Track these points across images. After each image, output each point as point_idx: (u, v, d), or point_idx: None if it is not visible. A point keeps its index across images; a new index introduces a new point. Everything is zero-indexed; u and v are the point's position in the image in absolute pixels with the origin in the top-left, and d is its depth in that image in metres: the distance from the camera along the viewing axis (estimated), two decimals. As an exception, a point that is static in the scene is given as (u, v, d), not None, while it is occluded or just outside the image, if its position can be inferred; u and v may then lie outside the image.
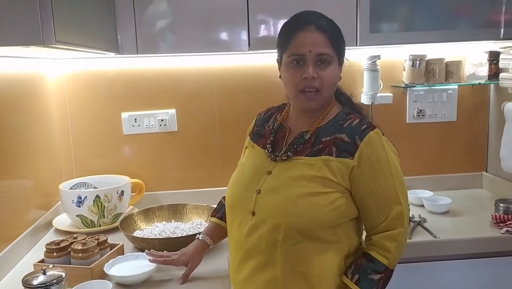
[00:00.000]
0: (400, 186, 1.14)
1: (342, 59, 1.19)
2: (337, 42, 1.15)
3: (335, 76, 1.17)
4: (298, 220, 1.11)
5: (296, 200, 1.11)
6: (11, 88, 1.57)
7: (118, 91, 2.00)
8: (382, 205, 1.12)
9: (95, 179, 1.93)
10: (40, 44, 0.92)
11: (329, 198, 1.11)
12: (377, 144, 1.12)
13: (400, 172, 1.15)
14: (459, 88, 2.09)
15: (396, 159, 1.16)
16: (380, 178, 1.12)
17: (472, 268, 1.61)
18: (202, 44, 1.72)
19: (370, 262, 1.13)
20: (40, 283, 1.09)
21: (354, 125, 1.15)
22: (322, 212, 1.10)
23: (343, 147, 1.13)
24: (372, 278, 1.12)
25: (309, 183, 1.11)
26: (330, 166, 1.12)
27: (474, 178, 2.17)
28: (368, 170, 1.11)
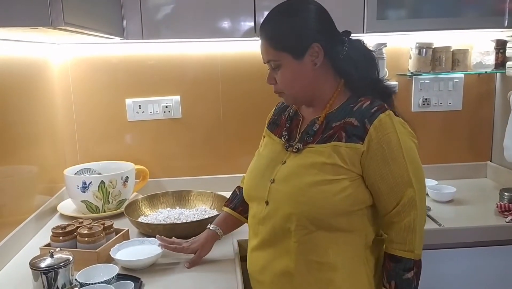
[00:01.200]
0: (415, 170, 1.09)
1: (300, 51, 1.11)
2: (279, 43, 1.12)
3: (290, 75, 1.13)
4: (309, 209, 1.10)
5: (306, 189, 1.10)
6: (15, 72, 1.56)
7: (122, 77, 1.99)
8: (393, 190, 1.09)
9: (99, 165, 1.93)
10: (48, 25, 0.91)
11: (340, 185, 1.09)
12: (388, 127, 1.08)
13: (414, 156, 1.11)
14: (465, 77, 2.08)
15: (411, 142, 1.11)
16: (391, 162, 1.08)
17: (477, 256, 1.62)
18: (207, 30, 1.71)
19: (397, 262, 1.11)
20: (48, 266, 1.10)
21: (364, 108, 1.11)
22: (333, 200, 1.08)
23: (352, 131, 1.10)
24: (407, 277, 1.11)
25: (320, 171, 1.10)
26: (339, 152, 1.09)
27: (478, 167, 2.17)
28: (378, 154, 1.08)
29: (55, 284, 1.10)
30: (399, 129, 1.09)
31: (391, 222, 1.12)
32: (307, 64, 1.12)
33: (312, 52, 1.11)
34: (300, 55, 1.11)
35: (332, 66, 1.16)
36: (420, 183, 1.11)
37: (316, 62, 1.12)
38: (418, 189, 1.10)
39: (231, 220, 1.40)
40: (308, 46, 1.11)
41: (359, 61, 1.15)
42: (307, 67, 1.13)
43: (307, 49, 1.11)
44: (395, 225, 1.11)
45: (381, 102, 1.12)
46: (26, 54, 1.66)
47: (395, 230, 1.11)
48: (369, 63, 1.18)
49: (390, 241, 1.13)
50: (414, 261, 1.11)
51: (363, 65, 1.16)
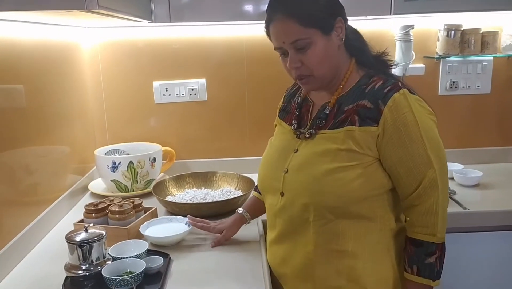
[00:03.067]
0: (434, 150, 1.04)
1: (328, 26, 1.05)
2: (308, 19, 1.03)
3: (321, 53, 1.06)
4: (327, 199, 1.06)
5: (321, 178, 1.06)
6: (48, 55, 1.61)
7: (149, 60, 2.03)
8: (412, 172, 1.04)
9: (127, 146, 1.99)
10: (83, 8, 0.94)
11: (356, 171, 1.04)
12: (403, 107, 1.02)
13: (433, 134, 1.05)
14: (495, 59, 2.03)
15: (429, 120, 1.06)
16: (409, 144, 1.03)
17: (502, 240, 1.61)
18: (233, 13, 1.72)
19: (419, 246, 1.07)
20: (83, 240, 1.15)
21: (377, 89, 1.05)
22: (350, 187, 1.04)
23: (366, 114, 1.04)
24: (429, 262, 1.07)
25: (334, 157, 1.06)
26: (353, 136, 1.05)
27: (506, 151, 2.13)
28: (395, 136, 1.03)
29: (90, 257, 1.15)
30: (416, 108, 1.04)
31: (412, 205, 1.08)
32: (334, 39, 1.07)
33: (338, 27, 1.07)
34: (329, 30, 1.06)
35: (344, 44, 1.11)
36: (441, 162, 1.05)
37: (342, 37, 1.08)
38: (439, 169, 1.05)
39: (259, 204, 1.38)
40: (335, 21, 1.06)
41: (361, 40, 1.16)
42: (335, 43, 1.08)
43: (334, 23, 1.06)
44: (416, 208, 1.07)
45: (394, 81, 1.07)
46: (58, 37, 1.71)
47: (417, 213, 1.07)
48: (365, 43, 1.17)
49: (411, 225, 1.09)
50: (437, 245, 1.07)
51: (364, 43, 1.16)
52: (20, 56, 1.40)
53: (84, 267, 1.15)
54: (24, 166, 1.41)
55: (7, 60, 1.32)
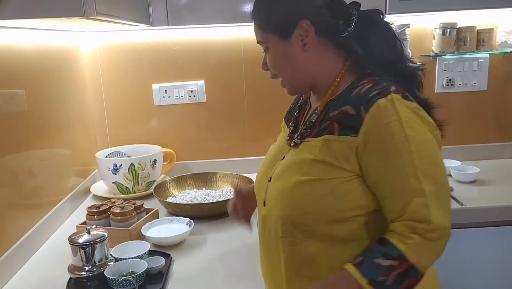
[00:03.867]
0: (427, 168, 0.86)
1: (286, 31, 0.97)
2: (265, 23, 1.00)
3: (277, 58, 1.01)
4: (294, 213, 0.95)
5: (292, 190, 0.95)
6: (48, 60, 1.64)
7: (148, 63, 2.05)
8: (398, 193, 0.87)
9: (128, 148, 2.01)
10: (82, 15, 0.97)
11: (329, 186, 0.91)
12: (389, 114, 0.86)
13: (429, 150, 0.88)
14: (490, 56, 2.05)
15: (425, 132, 0.88)
16: (394, 158, 0.86)
17: (499, 236, 1.63)
18: (231, 15, 1.74)
19: (382, 245, 0.87)
20: (86, 241, 1.18)
21: (362, 93, 0.91)
22: (322, 202, 0.92)
23: (346, 121, 0.91)
24: (378, 262, 0.85)
25: (308, 169, 0.94)
26: (331, 147, 0.92)
27: (503, 148, 2.15)
28: (377, 148, 0.87)
29: (93, 258, 1.18)
30: (406, 116, 0.87)
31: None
32: (295, 44, 0.98)
33: (300, 31, 0.97)
34: (286, 34, 0.98)
35: (334, 45, 0.99)
36: (436, 184, 0.86)
37: (306, 42, 0.97)
38: (432, 193, 0.85)
39: None
40: (295, 24, 0.96)
41: (369, 37, 0.97)
42: (296, 48, 0.98)
43: (294, 28, 0.97)
44: None
45: (387, 85, 0.90)
46: (58, 42, 1.73)
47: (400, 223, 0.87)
48: (385, 41, 0.98)
49: (389, 229, 0.89)
50: (402, 255, 0.84)
51: (376, 42, 0.97)
52: (21, 62, 1.43)
53: (87, 268, 1.17)
54: (26, 169, 1.43)
55: (8, 65, 1.34)
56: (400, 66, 0.99)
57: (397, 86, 0.91)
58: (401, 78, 0.97)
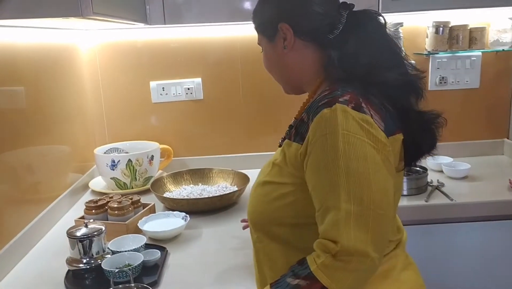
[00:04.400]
0: (350, 185, 0.80)
1: (270, 33, 1.02)
2: (257, 25, 1.07)
3: (267, 59, 1.07)
4: (251, 211, 1.01)
5: (255, 188, 1.02)
6: (48, 57, 1.67)
7: (146, 61, 2.08)
8: (320, 208, 0.85)
9: (126, 145, 2.05)
10: (79, 15, 1.00)
11: (281, 189, 0.93)
12: (327, 125, 0.83)
13: (359, 166, 0.81)
14: (483, 55, 2.08)
15: (361, 148, 0.82)
16: (321, 171, 0.84)
17: (487, 230, 1.67)
18: (227, 13, 1.77)
19: (299, 263, 0.86)
20: (83, 234, 1.21)
21: (317, 100, 0.90)
22: (270, 205, 0.95)
23: (300, 128, 0.91)
24: (288, 281, 0.84)
25: (271, 170, 0.98)
26: (286, 151, 0.94)
27: (495, 144, 2.19)
28: (311, 159, 0.86)
29: (90, 251, 1.21)
30: (346, 129, 0.82)
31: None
32: (278, 47, 1.01)
33: (281, 34, 1.00)
34: (271, 37, 1.02)
35: (317, 49, 0.99)
36: (360, 205, 0.80)
37: (286, 45, 0.99)
38: (351, 213, 0.79)
39: None
40: (276, 27, 1.00)
41: (352, 41, 0.92)
42: (279, 50, 1.02)
43: (276, 30, 1.00)
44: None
45: (340, 93, 0.87)
46: (56, 40, 1.76)
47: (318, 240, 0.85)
48: (373, 44, 0.93)
49: None
50: (310, 274, 0.81)
51: (354, 46, 0.92)
52: (20, 59, 1.46)
53: (84, 261, 1.21)
54: (26, 165, 1.46)
55: (7, 63, 1.37)
56: (388, 74, 0.91)
57: (354, 95, 0.86)
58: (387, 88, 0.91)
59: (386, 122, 0.88)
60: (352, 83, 0.91)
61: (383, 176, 0.84)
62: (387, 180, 0.85)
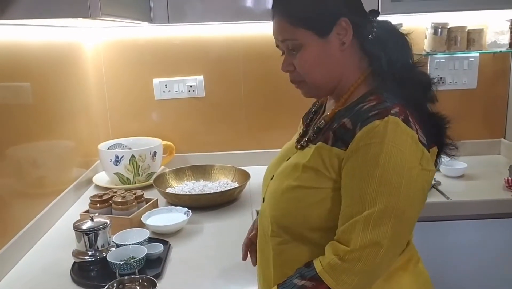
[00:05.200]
0: (381, 195, 0.82)
1: (325, 28, 0.93)
2: (299, 18, 0.93)
3: (312, 58, 0.95)
4: (280, 215, 0.98)
5: (282, 193, 0.97)
6: (53, 55, 1.70)
7: (149, 58, 2.11)
8: (348, 211, 0.86)
9: (129, 141, 2.08)
10: (87, 16, 1.03)
11: (320, 194, 0.91)
12: (377, 136, 0.84)
13: (394, 178, 0.83)
14: (481, 56, 2.11)
15: (402, 162, 0.83)
16: (356, 177, 0.85)
17: (482, 228, 1.70)
18: (230, 13, 1.80)
19: (306, 266, 0.90)
20: (89, 228, 1.25)
21: (364, 110, 0.89)
22: (306, 210, 0.92)
23: (342, 134, 0.90)
24: (294, 282, 0.88)
25: (302, 174, 0.94)
26: (321, 154, 0.92)
27: (492, 144, 2.22)
28: (350, 164, 0.87)
29: (95, 244, 1.25)
30: (393, 141, 0.83)
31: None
32: (333, 43, 0.93)
33: (339, 29, 0.92)
34: (325, 32, 0.92)
35: (360, 49, 0.97)
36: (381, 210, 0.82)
37: (345, 41, 0.93)
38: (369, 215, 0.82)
39: None
40: (335, 21, 0.92)
41: (388, 45, 0.95)
42: (334, 47, 0.94)
43: (334, 25, 0.92)
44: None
45: (390, 105, 0.87)
46: (62, 38, 1.79)
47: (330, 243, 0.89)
48: (401, 48, 0.98)
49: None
50: (316, 276, 0.86)
51: (393, 49, 0.95)
52: (27, 56, 1.49)
53: (90, 253, 1.25)
54: (31, 160, 1.50)
55: (15, 60, 1.41)
56: (416, 73, 0.97)
57: (402, 107, 0.87)
58: (416, 87, 0.95)
59: (425, 136, 0.89)
60: (393, 91, 0.92)
61: (414, 190, 0.85)
62: (417, 194, 0.87)
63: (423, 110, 0.95)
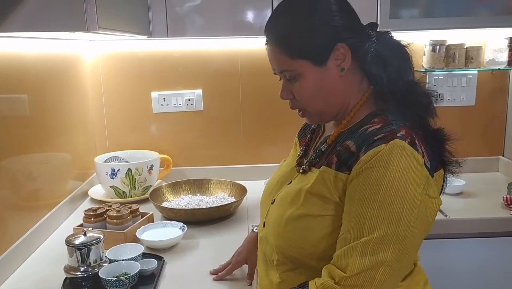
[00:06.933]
0: (380, 221, 0.80)
1: (322, 56, 0.90)
2: (296, 49, 0.90)
3: (312, 87, 0.92)
4: (286, 246, 0.94)
5: (286, 222, 0.93)
6: (52, 67, 1.70)
7: (148, 71, 2.11)
8: (347, 236, 0.84)
9: (126, 154, 2.07)
10: (84, 30, 1.03)
11: (325, 223, 0.88)
12: (381, 160, 0.82)
13: (396, 204, 0.80)
14: (479, 73, 2.12)
15: (405, 188, 0.81)
16: (357, 201, 0.83)
17: (481, 247, 1.68)
18: (229, 28, 1.80)
19: (301, 287, 0.89)
20: (81, 243, 1.23)
21: (369, 133, 0.87)
22: (313, 240, 0.89)
23: (346, 158, 0.87)
24: None
25: (305, 201, 0.91)
26: (325, 179, 0.89)
27: (490, 161, 2.21)
28: (351, 187, 0.85)
29: (88, 259, 1.23)
30: (397, 166, 0.81)
31: None
32: (332, 70, 0.91)
33: (337, 55, 0.90)
34: (322, 60, 0.90)
35: (360, 70, 0.94)
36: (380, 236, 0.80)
37: (344, 67, 0.91)
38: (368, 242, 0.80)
39: None
40: (332, 48, 0.90)
41: (389, 60, 0.92)
42: (333, 74, 0.91)
43: (331, 52, 0.90)
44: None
45: (396, 128, 0.85)
46: (61, 50, 1.80)
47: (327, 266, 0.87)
48: (402, 62, 0.94)
49: None
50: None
51: (395, 64, 0.92)
52: (25, 68, 1.49)
53: (82, 269, 1.23)
54: (27, 172, 1.49)
55: (12, 72, 1.40)
56: (418, 89, 0.95)
57: (408, 130, 0.86)
58: (418, 105, 0.93)
59: (431, 159, 0.88)
60: (396, 112, 0.90)
61: (415, 216, 0.83)
62: (417, 221, 0.83)
63: (426, 128, 0.93)
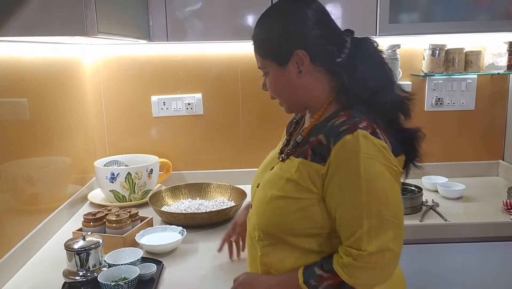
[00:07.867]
0: (371, 203, 0.94)
1: (283, 58, 1.04)
2: (264, 50, 1.08)
3: (275, 84, 1.08)
4: (265, 222, 1.07)
5: (267, 202, 1.07)
6: (52, 71, 1.71)
7: (148, 76, 2.12)
8: (345, 223, 0.97)
9: (126, 158, 2.07)
10: (84, 35, 1.03)
11: (299, 204, 1.01)
12: (350, 151, 0.94)
13: (380, 186, 0.95)
14: (479, 77, 2.12)
15: (381, 169, 0.95)
16: (346, 192, 0.96)
17: (480, 251, 1.68)
18: (228, 32, 1.80)
19: (327, 258, 1.02)
20: (80, 247, 1.23)
21: (336, 125, 0.98)
22: (288, 218, 1.03)
23: (319, 150, 0.99)
24: (315, 270, 1.01)
25: (284, 185, 1.04)
26: (302, 169, 1.01)
27: (490, 165, 2.21)
28: (335, 180, 0.96)
29: (87, 264, 1.23)
30: (367, 153, 0.94)
31: None
32: (291, 71, 1.05)
33: (296, 59, 1.03)
34: (283, 62, 1.05)
35: (327, 72, 1.05)
36: (378, 217, 0.94)
37: (301, 70, 1.04)
38: (374, 226, 0.94)
39: None
40: (291, 53, 1.03)
41: (357, 64, 1.02)
42: (292, 74, 1.05)
43: (291, 56, 1.03)
44: None
45: (358, 120, 0.97)
46: (61, 54, 1.80)
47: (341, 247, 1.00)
48: (373, 68, 1.03)
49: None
50: (333, 270, 0.99)
51: (361, 69, 1.02)
52: (25, 72, 1.49)
53: (81, 273, 1.22)
54: (26, 176, 1.49)
55: (12, 76, 1.41)
56: (386, 96, 1.03)
57: (369, 122, 0.98)
58: (384, 109, 1.03)
59: (393, 145, 1.00)
60: (360, 108, 1.01)
61: (397, 191, 0.99)
62: (399, 195, 1.01)
63: (393, 125, 1.04)
